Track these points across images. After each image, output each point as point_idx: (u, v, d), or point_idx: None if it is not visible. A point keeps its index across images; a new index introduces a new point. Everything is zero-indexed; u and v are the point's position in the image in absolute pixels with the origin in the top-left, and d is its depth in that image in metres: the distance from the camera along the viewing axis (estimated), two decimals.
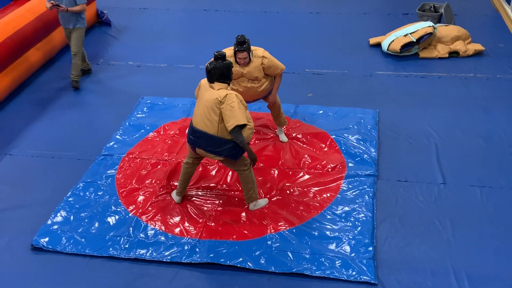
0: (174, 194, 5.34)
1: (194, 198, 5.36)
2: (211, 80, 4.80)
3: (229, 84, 4.85)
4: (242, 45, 5.38)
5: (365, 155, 5.81)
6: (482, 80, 7.30)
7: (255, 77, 5.57)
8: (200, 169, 5.72)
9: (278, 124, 6.12)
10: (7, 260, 4.80)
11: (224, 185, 5.53)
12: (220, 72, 4.74)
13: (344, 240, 4.78)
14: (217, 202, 5.30)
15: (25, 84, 7.58)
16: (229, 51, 5.57)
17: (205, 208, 5.23)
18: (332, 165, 5.70)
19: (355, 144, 6.00)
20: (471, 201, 5.22)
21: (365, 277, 4.43)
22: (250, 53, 5.47)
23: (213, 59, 4.80)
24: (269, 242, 4.80)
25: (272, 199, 5.30)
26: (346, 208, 5.14)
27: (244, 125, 4.70)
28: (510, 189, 5.34)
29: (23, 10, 7.71)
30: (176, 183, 5.51)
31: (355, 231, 4.87)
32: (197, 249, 4.76)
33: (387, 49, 8.00)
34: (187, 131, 5.03)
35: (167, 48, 8.60)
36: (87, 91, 7.42)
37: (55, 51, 8.27)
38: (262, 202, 5.24)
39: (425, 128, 6.32)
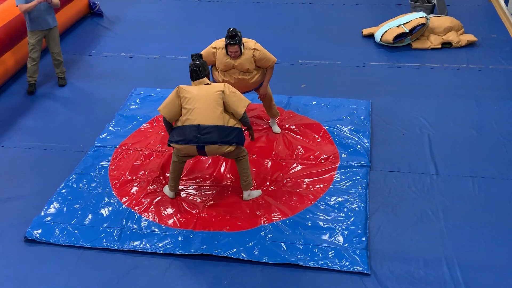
0: (167, 190, 5.31)
1: (187, 190, 5.36)
2: (200, 76, 4.94)
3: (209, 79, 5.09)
4: (233, 38, 5.39)
5: (358, 146, 5.82)
6: (475, 71, 7.32)
7: (246, 69, 5.56)
8: (191, 161, 5.72)
9: (270, 116, 6.13)
10: (0, 252, 4.79)
11: (217, 177, 5.53)
12: (204, 68, 4.97)
13: (337, 231, 4.80)
14: (210, 193, 5.31)
15: (16, 76, 7.52)
16: (220, 42, 5.56)
17: (199, 200, 5.23)
18: (325, 156, 5.71)
19: (348, 135, 6.01)
20: (464, 191, 5.25)
21: (358, 268, 4.45)
22: (242, 46, 5.46)
23: (192, 61, 5.00)
24: (262, 233, 4.81)
25: (266, 190, 5.31)
26: (339, 199, 5.16)
27: None
28: (502, 179, 5.37)
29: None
30: (169, 175, 5.50)
31: (348, 222, 4.89)
32: (190, 241, 4.76)
33: (380, 40, 8.00)
34: (176, 138, 4.86)
35: (159, 39, 8.56)
36: (80, 83, 7.39)
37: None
38: (256, 193, 5.25)
39: (417, 119, 6.34)
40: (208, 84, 4.95)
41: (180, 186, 5.38)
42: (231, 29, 5.40)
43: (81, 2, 9.03)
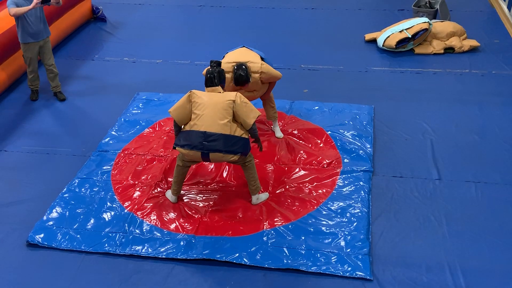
0: (169, 194, 5.31)
1: (189, 194, 5.36)
2: (215, 84, 4.93)
3: (223, 88, 5.07)
4: (242, 84, 5.44)
5: (361, 151, 5.82)
6: (477, 76, 7.32)
7: (253, 89, 5.64)
8: (194, 166, 5.71)
9: (268, 118, 6.14)
10: (2, 256, 4.79)
11: (220, 181, 5.52)
12: (222, 76, 4.99)
13: (340, 236, 4.79)
14: (212, 198, 5.30)
15: (19, 81, 7.54)
16: (229, 66, 5.49)
17: (201, 204, 5.23)
18: (327, 161, 5.71)
19: (351, 140, 6.01)
20: (466, 197, 5.24)
21: (360, 273, 4.44)
22: (250, 77, 5.46)
23: (209, 66, 5.01)
24: (264, 238, 4.80)
25: (268, 195, 5.30)
26: (342, 204, 5.15)
27: None
28: (505, 185, 5.36)
29: None
30: (171, 179, 5.51)
31: (351, 227, 4.88)
32: (192, 245, 4.76)
33: (383, 45, 8.00)
34: (182, 142, 4.89)
35: (162, 44, 8.58)
36: (82, 87, 7.40)
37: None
38: (264, 196, 5.26)
39: (420, 124, 6.33)
40: (220, 92, 4.94)
41: (182, 191, 5.38)
42: (238, 75, 5.36)
43: (84, 7, 9.06)
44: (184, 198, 5.31)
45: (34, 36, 6.57)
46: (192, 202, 5.25)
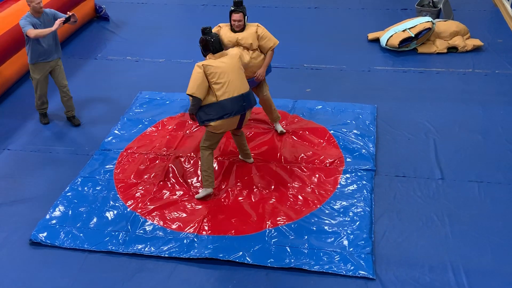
0: (204, 193, 5.23)
1: (192, 193, 5.36)
2: (222, 48, 5.09)
3: None
4: (238, 6, 5.55)
5: (363, 150, 5.81)
6: (481, 76, 7.30)
7: (249, 44, 5.62)
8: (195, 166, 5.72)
9: (272, 120, 6.14)
10: (6, 255, 4.80)
11: (223, 181, 5.53)
12: (220, 39, 5.11)
13: (343, 235, 4.79)
14: (215, 197, 5.30)
15: (23, 80, 7.55)
16: (224, 23, 5.75)
17: (204, 203, 5.22)
18: (330, 160, 5.71)
19: (353, 139, 6.01)
20: (469, 196, 5.23)
21: (363, 272, 4.44)
22: (245, 18, 5.58)
23: (204, 35, 5.07)
24: (267, 237, 4.80)
25: (270, 194, 5.30)
26: (344, 203, 5.15)
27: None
28: (508, 184, 5.35)
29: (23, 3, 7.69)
30: (173, 180, 5.52)
31: (353, 226, 4.88)
32: (195, 244, 4.76)
33: (386, 44, 7.99)
34: (219, 114, 4.94)
35: (165, 43, 8.58)
36: (85, 86, 7.41)
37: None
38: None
39: (423, 124, 6.32)
40: (226, 55, 5.13)
41: (183, 190, 5.38)
42: None
43: (87, 6, 9.07)
44: (186, 197, 5.31)
45: (45, 56, 6.11)
46: (195, 201, 5.25)
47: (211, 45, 5.00)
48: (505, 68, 7.43)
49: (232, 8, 5.58)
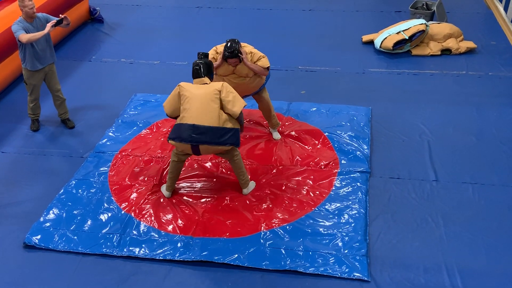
0: (164, 189, 5.37)
1: (186, 195, 5.35)
2: (200, 75, 5.04)
3: (211, 79, 5.17)
4: (232, 54, 5.43)
5: (358, 152, 5.82)
6: (474, 78, 7.33)
7: (245, 74, 5.60)
8: (195, 165, 5.72)
9: (271, 126, 6.15)
10: None
11: (217, 183, 5.52)
12: (208, 67, 5.10)
13: (337, 237, 4.79)
14: (210, 199, 5.30)
15: (16, 82, 7.53)
16: (220, 48, 5.60)
17: (198, 206, 5.22)
18: (325, 162, 5.71)
19: (348, 141, 6.02)
20: (463, 198, 5.25)
21: (358, 274, 4.44)
22: (239, 47, 5.50)
23: (198, 59, 5.15)
24: (262, 239, 4.80)
25: (265, 196, 5.30)
26: (339, 205, 5.15)
27: None
28: (502, 186, 5.37)
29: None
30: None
31: (348, 228, 4.88)
32: (190, 247, 4.75)
33: (380, 47, 8.01)
34: (173, 135, 4.95)
35: (160, 45, 8.58)
36: (79, 88, 7.39)
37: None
38: (252, 184, 5.39)
39: (417, 125, 6.34)
40: (206, 84, 5.05)
41: (180, 190, 5.37)
42: (229, 44, 5.44)
43: (82, 8, 9.05)
44: (181, 199, 5.30)
45: (40, 61, 6.08)
46: (190, 204, 5.24)
47: (192, 71, 5.08)
48: (499, 70, 7.46)
49: (227, 55, 5.43)
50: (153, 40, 8.75)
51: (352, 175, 5.52)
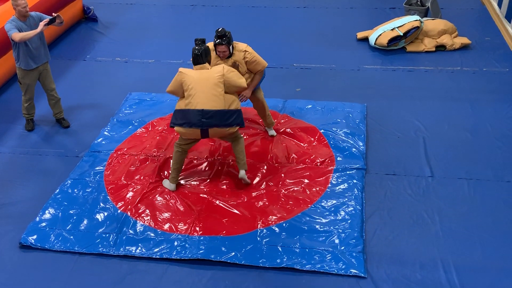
0: (167, 183, 5.39)
1: (183, 194, 5.35)
2: (202, 61, 5.15)
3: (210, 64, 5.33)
4: (221, 38, 5.45)
5: (354, 149, 5.83)
6: (469, 74, 7.35)
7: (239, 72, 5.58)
8: (192, 163, 5.71)
9: (266, 125, 6.14)
10: None
11: (214, 181, 5.52)
12: (206, 53, 5.22)
13: (334, 234, 4.80)
14: (206, 197, 5.30)
15: (11, 82, 7.50)
16: (210, 45, 5.61)
17: (195, 204, 5.22)
18: (321, 159, 5.72)
19: (344, 138, 6.02)
20: (459, 194, 5.26)
21: (354, 271, 4.45)
22: (231, 47, 5.48)
23: (195, 45, 5.21)
24: (259, 237, 4.80)
25: (261, 194, 5.31)
26: (335, 202, 5.16)
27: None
28: (497, 181, 5.39)
29: None
30: (165, 179, 5.50)
31: (345, 225, 4.89)
32: (186, 245, 4.75)
33: (375, 43, 8.02)
34: (180, 121, 5.05)
35: (154, 43, 8.56)
36: (74, 88, 7.37)
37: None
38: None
39: (412, 122, 6.35)
40: (208, 69, 5.16)
41: (178, 189, 5.37)
42: (220, 29, 5.46)
43: (76, 7, 9.02)
44: (178, 197, 5.30)
45: (35, 61, 6.04)
46: (186, 202, 5.24)
47: (192, 57, 5.18)
48: (493, 66, 7.48)
49: (216, 41, 5.44)
50: (148, 38, 8.73)
51: (348, 172, 5.52)
